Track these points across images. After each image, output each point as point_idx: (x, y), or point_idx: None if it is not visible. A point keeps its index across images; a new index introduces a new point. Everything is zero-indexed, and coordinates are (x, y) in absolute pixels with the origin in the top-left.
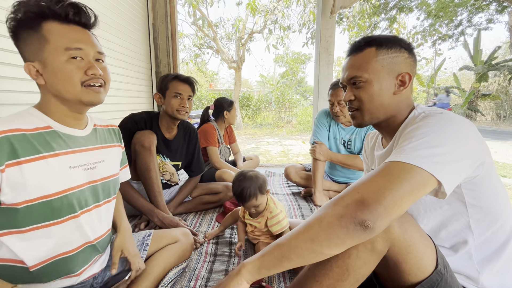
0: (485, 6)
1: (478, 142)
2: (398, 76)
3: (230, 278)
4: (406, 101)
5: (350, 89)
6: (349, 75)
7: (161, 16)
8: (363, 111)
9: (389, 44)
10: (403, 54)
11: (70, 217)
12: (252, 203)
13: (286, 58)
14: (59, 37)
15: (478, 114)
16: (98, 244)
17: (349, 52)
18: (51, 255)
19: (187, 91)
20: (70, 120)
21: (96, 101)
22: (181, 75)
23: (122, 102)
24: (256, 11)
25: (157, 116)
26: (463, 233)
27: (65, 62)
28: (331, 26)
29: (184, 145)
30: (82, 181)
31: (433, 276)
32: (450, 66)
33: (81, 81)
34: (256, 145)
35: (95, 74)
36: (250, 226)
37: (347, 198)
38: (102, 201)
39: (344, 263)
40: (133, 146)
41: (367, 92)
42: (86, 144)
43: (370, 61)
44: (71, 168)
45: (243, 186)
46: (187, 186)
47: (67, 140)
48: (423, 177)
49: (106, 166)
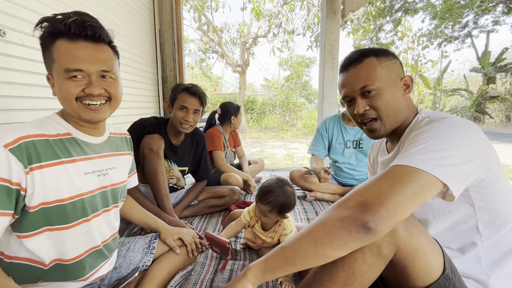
0: (491, 7)
1: (485, 146)
2: (402, 79)
3: (236, 281)
4: (410, 105)
5: (362, 99)
6: (359, 86)
7: (167, 22)
8: (383, 119)
9: (383, 52)
10: (396, 60)
11: (82, 221)
12: (265, 210)
13: (291, 62)
14: (62, 56)
15: (486, 116)
16: (105, 247)
17: (345, 66)
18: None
19: (194, 104)
20: (88, 128)
21: (95, 119)
22: (191, 87)
23: (129, 106)
24: (261, 16)
25: (166, 122)
26: (471, 234)
27: (65, 80)
28: (336, 30)
29: (192, 150)
30: (95, 187)
31: (441, 281)
32: (456, 68)
33: (75, 98)
34: (261, 148)
35: (92, 93)
36: (257, 238)
37: (349, 201)
38: (111, 206)
39: (350, 268)
40: (142, 150)
41: (382, 99)
42: (100, 151)
43: (376, 69)
44: (85, 174)
45: (277, 194)
46: (194, 190)
47: (84, 147)
48: (427, 180)
49: (116, 173)
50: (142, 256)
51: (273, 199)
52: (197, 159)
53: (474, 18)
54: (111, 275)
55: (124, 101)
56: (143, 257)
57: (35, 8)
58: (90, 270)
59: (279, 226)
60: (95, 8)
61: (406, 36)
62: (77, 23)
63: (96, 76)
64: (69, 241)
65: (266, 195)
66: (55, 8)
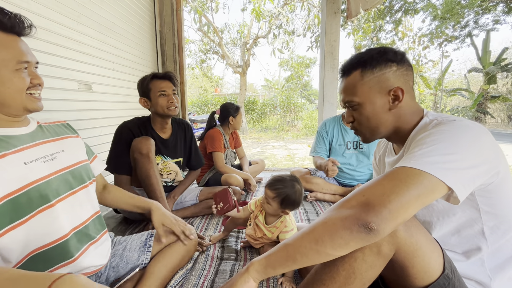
0: (492, 7)
1: (494, 151)
2: (390, 91)
3: (238, 276)
4: (409, 110)
5: (348, 111)
6: (343, 100)
7: (168, 23)
8: (363, 132)
9: (373, 62)
10: (391, 68)
11: (43, 209)
12: (270, 196)
13: (291, 62)
14: (6, 49)
15: (487, 116)
16: (86, 229)
17: (340, 74)
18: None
19: (170, 86)
20: (6, 122)
21: (39, 108)
22: (157, 73)
23: (130, 107)
24: (261, 17)
25: (149, 119)
26: (477, 239)
27: (13, 72)
28: (336, 30)
29: (182, 140)
30: (45, 173)
31: (440, 280)
32: (457, 68)
33: (26, 89)
34: (261, 149)
35: (40, 83)
36: (258, 230)
37: (352, 200)
38: (77, 188)
39: (351, 267)
40: (132, 154)
41: (362, 114)
42: (34, 139)
43: (356, 85)
44: (26, 163)
45: (285, 185)
46: (189, 177)
47: (9, 140)
48: (431, 183)
49: (67, 155)
50: (139, 254)
51: (280, 188)
52: (187, 148)
53: (474, 18)
54: (109, 274)
55: (125, 102)
56: (140, 256)
57: (35, 10)
58: (76, 251)
59: (280, 222)
60: (96, 10)
61: (407, 36)
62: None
63: (34, 67)
64: (35, 230)
65: (276, 182)
66: (55, 9)
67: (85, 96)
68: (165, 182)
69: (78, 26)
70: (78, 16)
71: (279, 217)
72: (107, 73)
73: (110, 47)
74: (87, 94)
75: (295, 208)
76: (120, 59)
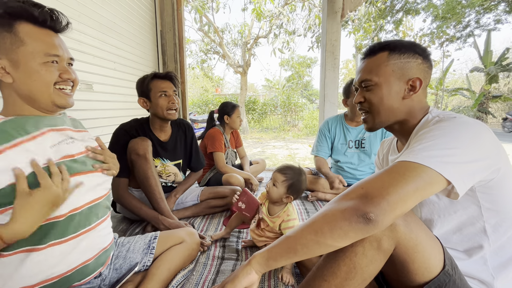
0: (493, 6)
1: (494, 147)
2: (409, 81)
3: (241, 268)
4: (419, 105)
5: (361, 91)
6: (361, 78)
7: (168, 23)
8: (373, 113)
9: (402, 49)
10: (416, 59)
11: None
12: (279, 179)
13: (292, 62)
14: (36, 41)
15: (489, 116)
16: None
17: (364, 55)
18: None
19: (171, 87)
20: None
21: (68, 104)
22: (158, 73)
23: (131, 107)
24: (262, 17)
25: (147, 120)
26: (478, 237)
27: (41, 65)
28: (337, 30)
29: (182, 142)
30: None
31: (441, 277)
32: (458, 67)
33: (54, 83)
34: (262, 149)
35: (70, 78)
36: (262, 222)
37: (351, 193)
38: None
39: (351, 262)
40: (129, 156)
41: (376, 95)
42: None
43: (381, 65)
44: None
45: (294, 173)
46: (191, 177)
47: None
48: (430, 176)
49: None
50: (142, 256)
51: (290, 173)
52: (188, 150)
53: (475, 17)
54: (112, 275)
55: (126, 101)
56: (143, 258)
57: None
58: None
59: (283, 212)
60: (96, 9)
61: (408, 36)
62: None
63: (66, 63)
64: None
65: (286, 168)
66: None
67: (86, 95)
68: (165, 182)
69: (78, 25)
70: (79, 16)
71: (282, 207)
72: (108, 73)
73: (111, 47)
74: (88, 93)
75: (298, 196)
76: (121, 59)
